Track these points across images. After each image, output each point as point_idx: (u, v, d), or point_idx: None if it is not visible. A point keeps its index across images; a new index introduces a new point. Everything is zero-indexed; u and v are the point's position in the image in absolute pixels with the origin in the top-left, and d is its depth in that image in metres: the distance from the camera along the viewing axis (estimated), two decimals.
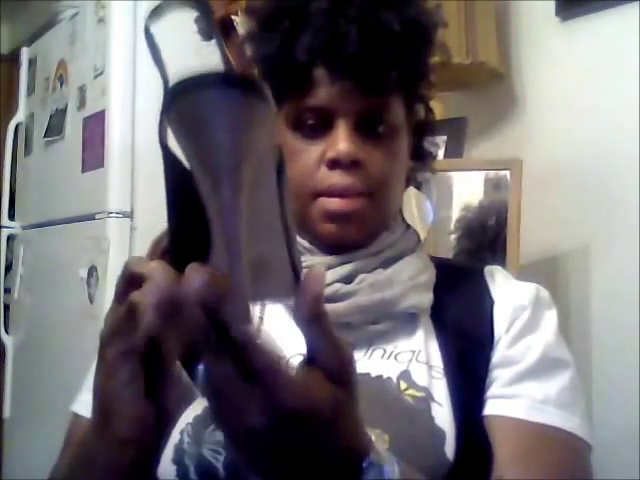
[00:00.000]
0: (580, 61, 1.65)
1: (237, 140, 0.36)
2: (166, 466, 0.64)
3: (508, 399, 0.68)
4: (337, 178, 0.70)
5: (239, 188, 0.36)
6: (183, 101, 0.35)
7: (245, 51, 0.76)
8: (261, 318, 0.68)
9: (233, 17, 1.55)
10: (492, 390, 0.69)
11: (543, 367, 0.70)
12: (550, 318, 0.74)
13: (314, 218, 0.72)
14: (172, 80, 0.36)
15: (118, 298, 0.46)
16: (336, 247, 0.73)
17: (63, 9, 2.07)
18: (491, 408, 0.68)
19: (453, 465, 0.64)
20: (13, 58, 3.00)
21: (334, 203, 0.71)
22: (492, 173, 1.56)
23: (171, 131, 0.37)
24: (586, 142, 1.62)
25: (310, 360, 0.44)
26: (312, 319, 0.42)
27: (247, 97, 0.36)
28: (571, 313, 1.62)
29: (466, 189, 1.59)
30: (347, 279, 0.72)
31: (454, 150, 1.68)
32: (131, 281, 0.45)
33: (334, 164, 0.70)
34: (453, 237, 1.58)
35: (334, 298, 0.70)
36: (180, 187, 0.37)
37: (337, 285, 0.71)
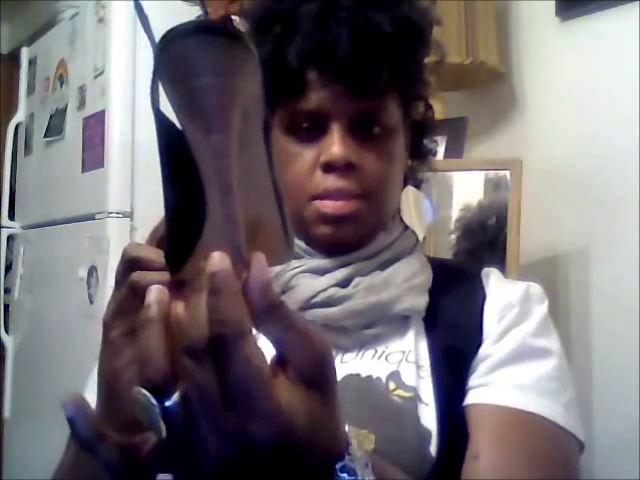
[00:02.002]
0: (580, 61, 1.66)
1: (224, 82, 0.36)
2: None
3: (484, 387, 0.68)
4: (332, 181, 0.70)
5: (229, 131, 0.37)
6: (171, 48, 0.36)
7: None
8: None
9: (233, 17, 1.55)
10: (470, 382, 0.69)
11: (520, 355, 0.69)
12: (538, 311, 0.74)
13: (309, 221, 0.72)
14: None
15: (118, 283, 0.47)
16: (332, 249, 0.73)
17: (63, 9, 2.07)
18: (468, 398, 0.68)
19: (437, 462, 0.64)
20: (13, 58, 3.01)
21: (329, 205, 0.70)
22: (492, 173, 1.56)
23: (162, 87, 0.38)
24: (586, 142, 1.62)
25: (279, 361, 0.38)
26: (267, 311, 0.36)
27: (232, 44, 0.37)
28: (571, 313, 1.62)
29: (466, 189, 1.59)
30: (343, 283, 0.72)
31: (454, 150, 1.68)
32: (130, 266, 0.45)
33: (328, 168, 0.70)
34: (453, 237, 1.58)
35: (330, 302, 0.70)
36: (173, 150, 0.38)
37: (333, 289, 0.71)
